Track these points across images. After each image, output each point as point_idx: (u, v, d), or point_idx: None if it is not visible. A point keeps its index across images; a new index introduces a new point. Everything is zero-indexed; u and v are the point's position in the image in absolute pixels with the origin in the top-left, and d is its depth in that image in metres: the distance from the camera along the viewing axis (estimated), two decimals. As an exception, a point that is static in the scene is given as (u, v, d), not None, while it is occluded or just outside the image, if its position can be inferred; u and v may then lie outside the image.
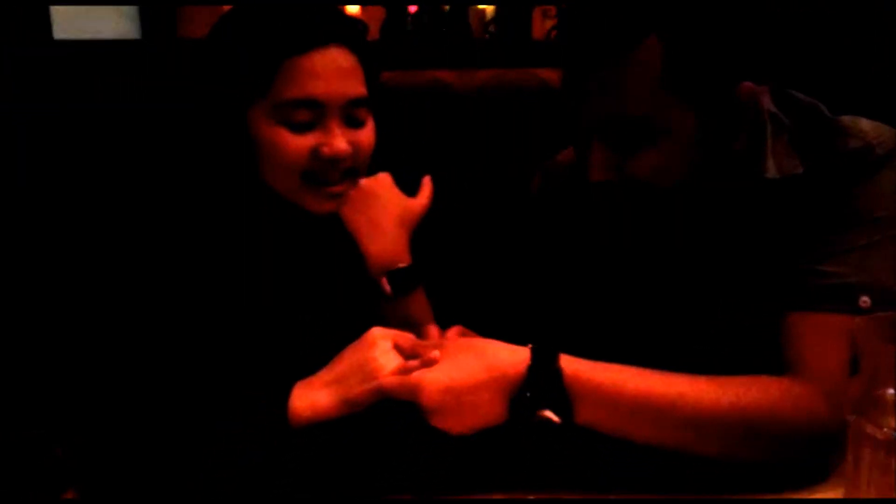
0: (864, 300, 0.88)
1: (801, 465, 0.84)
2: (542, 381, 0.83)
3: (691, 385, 0.84)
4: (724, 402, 0.83)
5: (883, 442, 0.60)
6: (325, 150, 0.95)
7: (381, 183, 1.04)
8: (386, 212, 1.03)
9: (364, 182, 1.02)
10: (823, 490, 0.81)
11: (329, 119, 0.95)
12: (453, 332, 0.98)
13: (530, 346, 0.85)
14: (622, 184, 0.92)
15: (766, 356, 0.90)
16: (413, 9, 4.20)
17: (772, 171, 0.95)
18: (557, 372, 0.83)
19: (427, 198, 1.08)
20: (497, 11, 4.01)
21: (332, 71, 0.94)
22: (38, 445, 0.63)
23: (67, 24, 1.86)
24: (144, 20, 2.22)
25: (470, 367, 0.83)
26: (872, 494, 0.62)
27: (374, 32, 3.13)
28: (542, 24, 3.82)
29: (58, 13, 1.83)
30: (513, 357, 0.84)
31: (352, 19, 1.01)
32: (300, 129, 0.94)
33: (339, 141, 0.95)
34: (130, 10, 2.21)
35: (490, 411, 0.83)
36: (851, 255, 0.90)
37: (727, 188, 0.97)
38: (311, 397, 0.87)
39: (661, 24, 0.84)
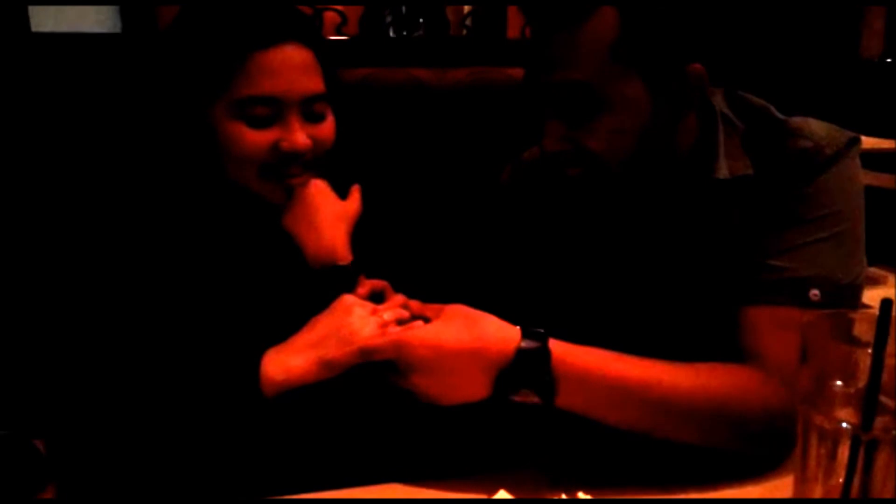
0: (815, 293, 0.93)
1: (758, 452, 0.88)
2: (531, 361, 0.85)
3: (667, 370, 0.87)
4: (697, 386, 0.87)
5: (830, 432, 0.65)
6: (285, 144, 0.98)
7: (317, 188, 1.06)
8: (320, 213, 1.05)
9: (299, 189, 1.04)
10: (775, 477, 0.85)
11: (288, 114, 0.99)
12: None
13: (520, 326, 0.87)
14: (575, 157, 0.96)
15: (723, 346, 0.94)
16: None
17: (723, 171, 1.00)
18: (546, 353, 0.85)
19: (357, 202, 1.10)
20: (473, 9, 4.05)
21: (290, 67, 0.98)
22: (18, 440, 0.64)
23: (45, 16, 1.86)
24: (125, 13, 2.23)
25: (459, 332, 0.85)
26: (820, 482, 0.67)
27: (352, 28, 3.14)
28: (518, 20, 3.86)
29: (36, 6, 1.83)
30: (503, 333, 0.86)
31: (307, 16, 1.04)
32: (260, 124, 0.98)
33: (299, 136, 0.99)
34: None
35: (472, 385, 0.85)
36: (802, 251, 0.95)
37: (680, 187, 1.01)
38: (285, 361, 0.89)
39: None
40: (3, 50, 1.61)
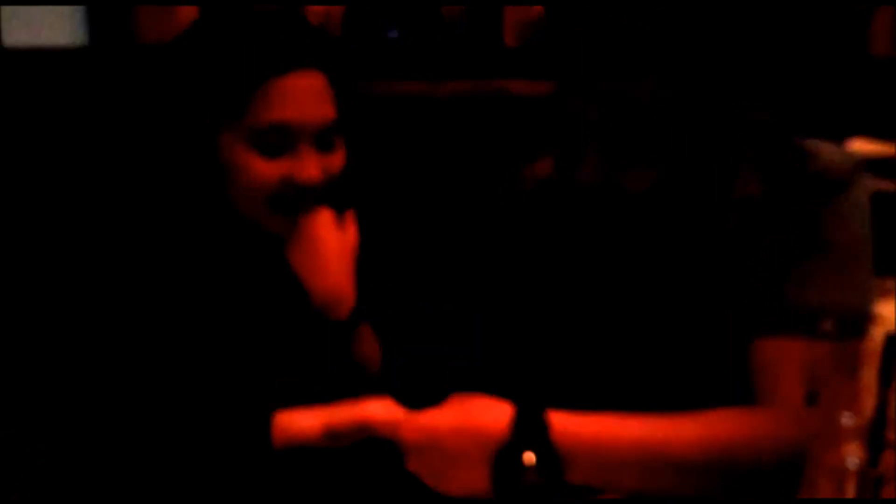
0: (827, 325, 0.94)
1: (774, 492, 0.89)
2: (528, 434, 0.83)
3: (676, 427, 0.87)
4: (709, 438, 0.87)
5: (836, 468, 0.66)
6: (298, 176, 0.98)
7: (323, 220, 1.06)
8: (327, 250, 1.05)
9: (304, 221, 1.04)
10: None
11: (302, 144, 0.98)
12: None
13: (512, 401, 0.85)
14: (608, 190, 0.98)
15: (729, 380, 0.95)
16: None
17: (738, 190, 1.00)
18: (543, 425, 0.83)
19: (354, 230, 1.09)
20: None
21: (305, 95, 0.98)
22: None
23: (16, 30, 1.87)
24: (92, 25, 2.23)
25: (451, 412, 0.85)
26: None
27: (336, 26, 3.16)
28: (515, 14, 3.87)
29: (6, 20, 1.85)
30: (494, 410, 0.85)
31: (325, 39, 1.05)
32: (271, 153, 0.98)
33: (312, 167, 0.99)
34: (78, 15, 2.21)
35: (469, 470, 0.83)
36: (815, 280, 0.95)
37: (690, 205, 1.02)
38: (293, 417, 0.88)
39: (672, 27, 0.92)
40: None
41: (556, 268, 1.13)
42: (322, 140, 1.00)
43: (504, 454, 0.82)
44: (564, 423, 0.84)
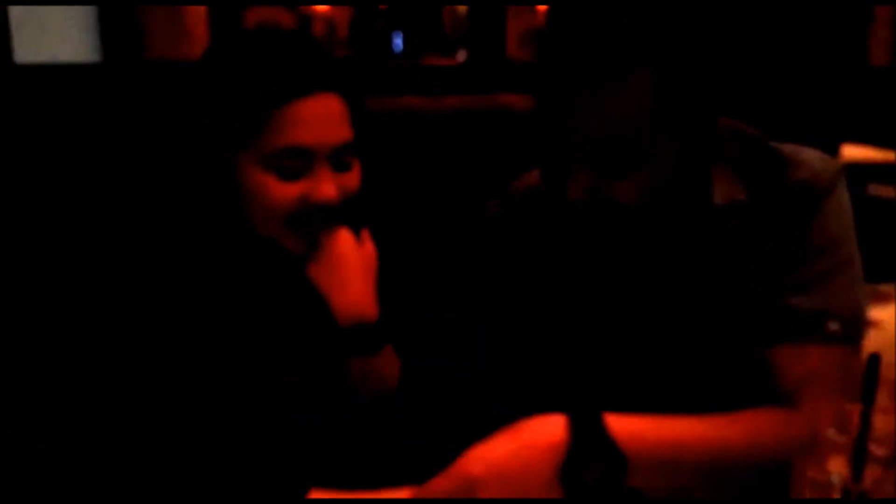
0: (834, 326, 0.96)
1: None
2: (589, 443, 0.84)
3: (721, 427, 0.90)
4: (747, 437, 0.90)
5: (821, 484, 0.68)
6: (315, 196, 0.99)
7: (343, 239, 1.06)
8: (348, 266, 1.05)
9: (326, 239, 1.04)
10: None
11: (317, 165, 0.99)
12: None
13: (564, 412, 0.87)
14: (596, 204, 0.99)
15: (744, 386, 0.98)
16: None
17: (718, 196, 1.02)
18: (602, 430, 0.85)
19: (372, 246, 1.09)
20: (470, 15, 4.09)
21: (323, 118, 0.98)
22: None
23: (24, 44, 1.90)
24: (106, 42, 2.26)
25: (509, 439, 0.85)
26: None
27: (342, 31, 3.20)
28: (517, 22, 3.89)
29: (19, 36, 1.87)
30: (548, 426, 0.86)
31: (340, 64, 1.04)
32: (289, 175, 0.98)
33: (328, 187, 0.99)
34: (91, 31, 2.24)
35: (542, 489, 0.83)
36: (817, 285, 0.97)
37: (678, 214, 1.03)
38: None
39: (656, 56, 0.92)
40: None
41: (559, 279, 1.14)
42: (338, 160, 1.01)
43: (569, 464, 0.83)
44: (625, 428, 0.85)
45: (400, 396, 1.08)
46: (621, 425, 0.85)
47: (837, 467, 0.68)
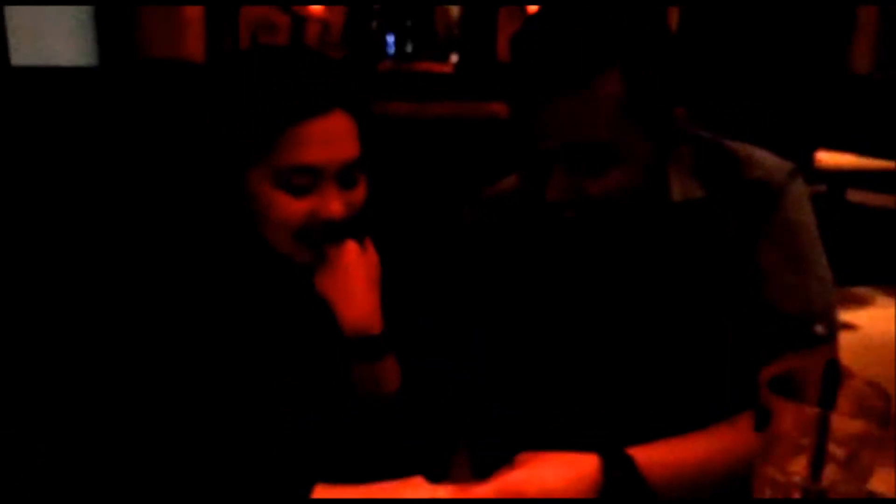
0: (820, 328, 1.00)
1: None
2: (622, 477, 0.94)
3: (722, 438, 0.98)
4: (745, 445, 0.92)
5: (781, 484, 0.71)
6: (323, 213, 1.01)
7: (351, 251, 1.08)
8: (355, 278, 1.08)
9: (334, 252, 1.07)
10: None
11: (325, 182, 1.01)
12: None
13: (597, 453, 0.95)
14: (576, 204, 1.01)
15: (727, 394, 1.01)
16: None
17: (676, 194, 1.06)
18: (632, 465, 0.94)
19: (376, 257, 1.12)
20: (462, 19, 4.11)
21: (333, 137, 1.01)
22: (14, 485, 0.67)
23: (25, 49, 1.91)
24: (102, 45, 2.28)
25: (555, 467, 0.94)
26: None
27: (335, 35, 3.21)
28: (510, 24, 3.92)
29: (14, 38, 1.89)
30: (584, 462, 0.95)
31: (352, 81, 1.06)
32: (298, 192, 1.00)
33: (336, 204, 1.02)
34: (87, 34, 2.25)
35: None
36: (796, 290, 1.02)
37: (637, 213, 1.06)
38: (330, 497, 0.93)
39: (623, 56, 0.95)
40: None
41: (540, 280, 1.17)
42: (345, 177, 1.04)
43: (604, 496, 0.93)
44: (646, 459, 0.95)
45: (400, 400, 1.10)
46: (646, 457, 0.95)
47: (797, 468, 0.71)
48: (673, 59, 1.00)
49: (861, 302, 3.78)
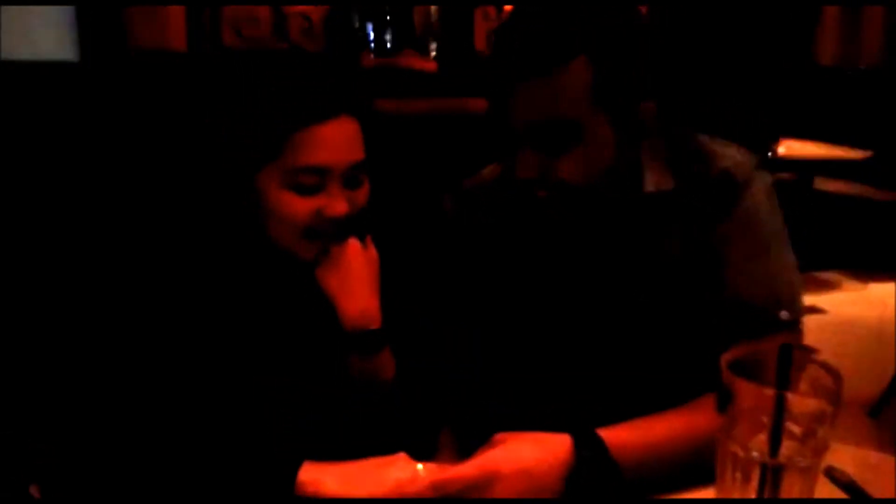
0: (785, 314, 1.05)
1: None
2: (592, 457, 0.99)
3: (685, 419, 1.03)
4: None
5: (742, 459, 0.77)
6: (328, 211, 1.06)
7: (353, 249, 1.12)
8: (356, 275, 1.11)
9: (336, 249, 1.11)
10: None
11: (331, 182, 1.06)
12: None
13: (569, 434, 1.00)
14: (546, 183, 1.06)
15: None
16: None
17: (649, 185, 1.12)
18: (602, 446, 0.99)
19: (376, 253, 1.16)
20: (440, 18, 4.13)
21: (340, 139, 1.06)
22: (14, 485, 0.67)
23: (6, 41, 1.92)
24: (84, 39, 2.28)
25: (530, 446, 0.99)
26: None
27: (317, 28, 3.22)
28: (485, 25, 3.96)
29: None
30: (557, 441, 1.00)
31: (360, 86, 1.10)
32: (306, 192, 1.05)
33: (341, 204, 1.06)
34: (69, 29, 2.26)
35: (549, 494, 0.98)
36: (762, 278, 1.07)
37: (612, 201, 1.12)
38: (319, 479, 0.96)
39: (592, 44, 1.02)
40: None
41: (518, 265, 1.22)
42: (350, 178, 1.08)
43: (574, 474, 0.98)
44: (615, 439, 1.01)
45: (394, 389, 1.15)
46: (614, 436, 1.00)
47: (757, 444, 0.76)
48: (643, 52, 1.07)
49: (828, 286, 3.87)
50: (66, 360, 1.23)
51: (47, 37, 2.15)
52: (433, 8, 4.26)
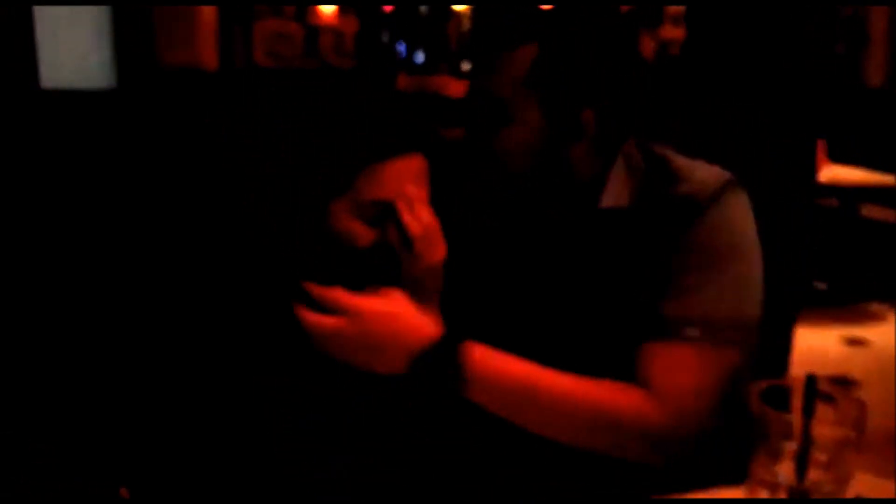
0: (691, 332, 1.10)
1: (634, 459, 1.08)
2: (446, 349, 1.06)
3: (562, 379, 1.08)
4: (585, 393, 1.07)
5: (770, 483, 0.82)
6: (391, 237, 1.15)
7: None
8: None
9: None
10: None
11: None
12: None
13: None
14: (479, 150, 1.18)
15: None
16: (388, 8, 4.39)
17: (606, 200, 1.19)
18: (456, 347, 1.06)
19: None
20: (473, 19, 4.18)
21: (408, 176, 1.16)
22: (104, 488, 0.72)
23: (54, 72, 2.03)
24: (120, 55, 2.39)
25: (401, 319, 1.08)
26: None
27: (349, 45, 3.31)
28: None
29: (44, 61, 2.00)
30: (428, 327, 1.08)
31: (430, 130, 1.23)
32: (372, 222, 1.15)
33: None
34: (105, 44, 2.36)
35: (394, 361, 1.06)
36: (683, 293, 1.12)
37: (571, 212, 1.20)
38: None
39: (540, 37, 1.15)
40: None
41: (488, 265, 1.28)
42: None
43: (423, 357, 1.05)
44: (479, 352, 1.07)
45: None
46: (480, 352, 1.06)
47: (785, 470, 0.81)
48: (595, 56, 1.17)
49: (874, 318, 3.86)
50: (157, 360, 1.30)
51: (85, 64, 2.26)
52: (466, 23, 4.33)
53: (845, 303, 3.90)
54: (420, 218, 1.14)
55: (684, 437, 1.06)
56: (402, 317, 1.08)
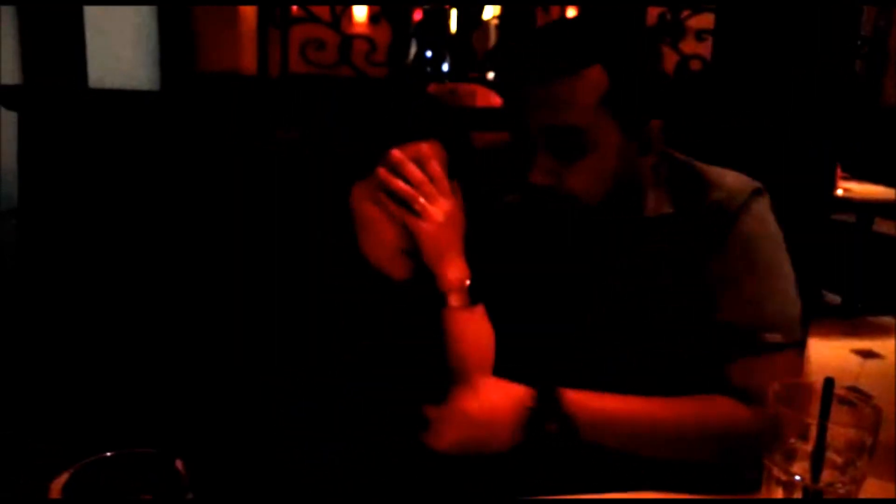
0: (771, 337, 1.12)
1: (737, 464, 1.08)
2: (548, 406, 1.07)
3: (662, 405, 1.10)
4: (687, 415, 1.10)
5: (785, 483, 0.84)
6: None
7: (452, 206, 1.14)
8: (455, 233, 1.15)
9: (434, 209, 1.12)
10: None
11: None
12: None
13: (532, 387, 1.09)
14: (557, 194, 1.13)
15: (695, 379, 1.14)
16: (418, 16, 4.42)
17: (649, 209, 1.19)
18: (559, 399, 1.07)
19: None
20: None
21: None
22: (159, 460, 0.71)
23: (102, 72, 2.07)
24: (165, 58, 2.43)
25: (493, 395, 1.09)
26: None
27: (380, 55, 3.34)
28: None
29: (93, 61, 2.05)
30: (516, 388, 1.09)
31: (452, 113, 1.24)
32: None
33: None
34: (150, 48, 2.41)
35: (505, 436, 1.07)
36: (743, 303, 1.13)
37: (613, 222, 1.20)
38: None
39: (608, 56, 1.08)
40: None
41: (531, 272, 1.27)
42: None
43: (531, 422, 1.07)
44: (576, 397, 1.08)
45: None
46: (574, 396, 1.08)
47: (800, 470, 0.84)
48: (655, 66, 1.16)
49: (887, 331, 3.85)
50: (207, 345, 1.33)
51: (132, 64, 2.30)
52: (493, 31, 4.35)
53: (859, 316, 3.94)
54: (412, 174, 1.11)
55: None
56: (491, 397, 1.09)
